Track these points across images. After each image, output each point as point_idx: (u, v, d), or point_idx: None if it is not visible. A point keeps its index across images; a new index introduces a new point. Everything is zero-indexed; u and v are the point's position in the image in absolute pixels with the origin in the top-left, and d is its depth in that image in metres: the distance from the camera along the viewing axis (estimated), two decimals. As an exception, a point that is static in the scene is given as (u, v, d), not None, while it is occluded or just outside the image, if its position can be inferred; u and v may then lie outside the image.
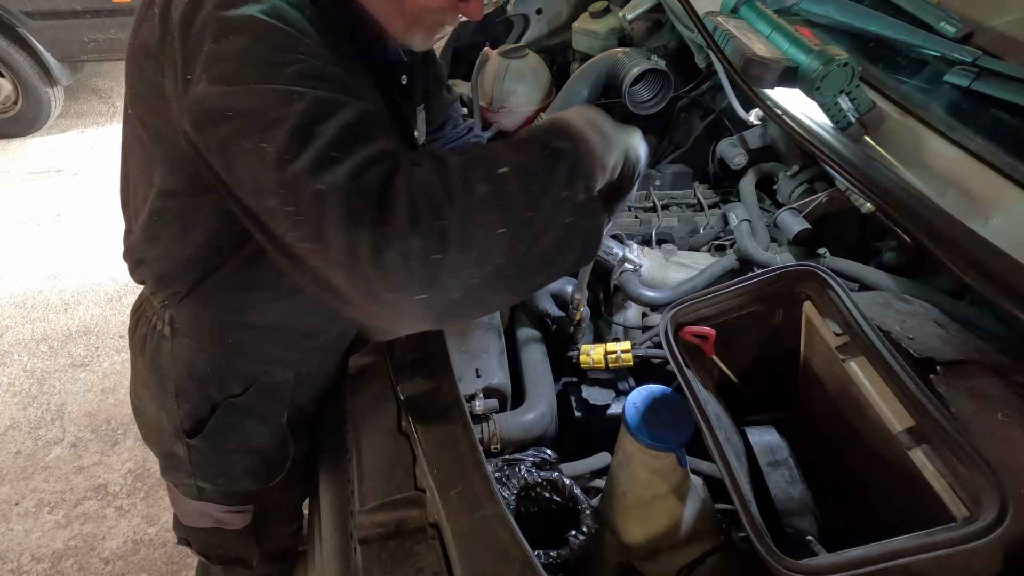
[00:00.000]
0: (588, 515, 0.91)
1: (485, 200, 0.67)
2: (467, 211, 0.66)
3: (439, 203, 0.66)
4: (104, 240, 3.42)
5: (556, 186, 0.70)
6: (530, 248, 0.69)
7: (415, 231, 0.64)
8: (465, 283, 0.67)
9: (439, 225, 0.65)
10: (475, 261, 0.66)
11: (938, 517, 0.73)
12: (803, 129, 1.16)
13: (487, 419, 1.07)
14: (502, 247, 0.67)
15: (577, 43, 1.89)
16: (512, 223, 0.67)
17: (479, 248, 0.66)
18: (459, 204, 0.66)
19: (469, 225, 0.66)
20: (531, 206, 0.68)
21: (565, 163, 0.71)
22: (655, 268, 1.32)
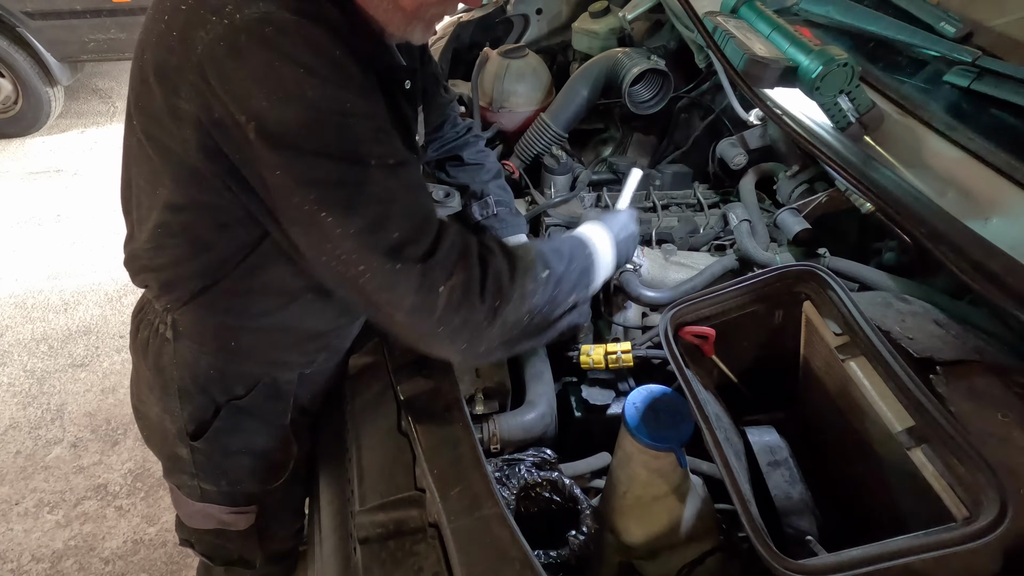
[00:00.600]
0: (588, 515, 0.91)
1: (528, 295, 0.86)
2: (517, 300, 0.85)
3: (504, 289, 0.84)
4: (104, 240, 3.42)
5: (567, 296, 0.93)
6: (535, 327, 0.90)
7: (481, 304, 0.82)
8: (491, 345, 0.86)
9: (497, 305, 0.83)
10: (504, 334, 0.86)
11: (938, 517, 0.73)
12: (803, 129, 1.16)
13: (487, 419, 1.07)
14: (522, 325, 0.87)
15: (577, 43, 1.89)
16: (536, 311, 0.88)
17: (511, 325, 0.86)
18: (516, 293, 0.85)
19: (512, 310, 0.85)
20: (552, 302, 0.90)
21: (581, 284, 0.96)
22: (655, 268, 1.32)
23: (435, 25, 0.92)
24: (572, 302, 0.94)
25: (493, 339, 0.85)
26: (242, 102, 0.74)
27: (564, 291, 0.92)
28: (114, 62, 4.61)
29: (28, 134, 4.35)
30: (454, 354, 0.87)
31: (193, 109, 0.77)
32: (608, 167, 1.66)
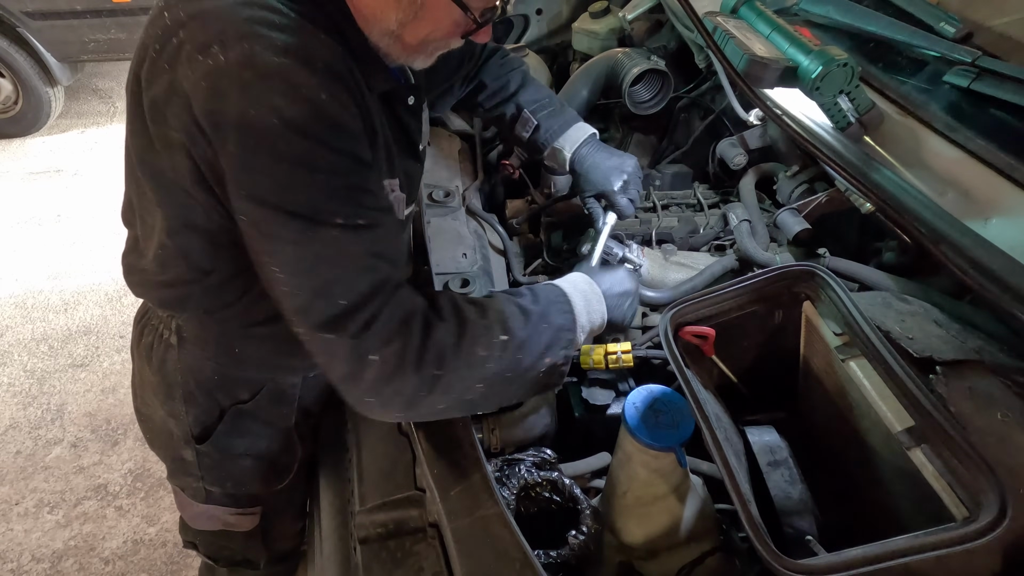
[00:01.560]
0: (588, 515, 0.91)
1: (477, 363, 0.83)
2: (461, 370, 0.82)
3: (444, 359, 0.81)
4: (104, 240, 3.42)
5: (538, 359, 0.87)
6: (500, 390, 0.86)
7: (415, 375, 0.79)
8: (435, 409, 0.84)
9: (434, 375, 0.80)
10: (452, 399, 0.83)
11: (938, 517, 0.73)
12: (803, 129, 1.16)
13: (487, 419, 1.07)
14: (478, 393, 0.84)
15: (577, 43, 1.89)
16: (491, 380, 0.84)
17: (458, 393, 0.83)
18: (460, 363, 0.82)
19: (457, 379, 0.82)
20: (513, 369, 0.85)
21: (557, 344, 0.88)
22: (655, 268, 1.32)
23: (436, 55, 0.91)
24: (547, 364, 0.88)
25: (435, 404, 0.83)
26: (220, 146, 0.74)
27: (531, 355, 0.86)
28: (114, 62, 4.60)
29: (28, 134, 4.35)
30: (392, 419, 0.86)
31: (182, 139, 0.78)
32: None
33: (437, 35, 0.84)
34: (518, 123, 1.28)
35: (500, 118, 1.31)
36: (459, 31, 0.85)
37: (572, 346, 0.92)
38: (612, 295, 1.01)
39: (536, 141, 1.28)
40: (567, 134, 1.26)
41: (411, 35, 0.83)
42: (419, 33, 0.83)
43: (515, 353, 0.85)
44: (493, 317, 0.86)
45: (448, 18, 0.82)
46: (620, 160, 1.25)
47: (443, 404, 0.83)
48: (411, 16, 0.81)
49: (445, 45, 0.89)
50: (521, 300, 0.91)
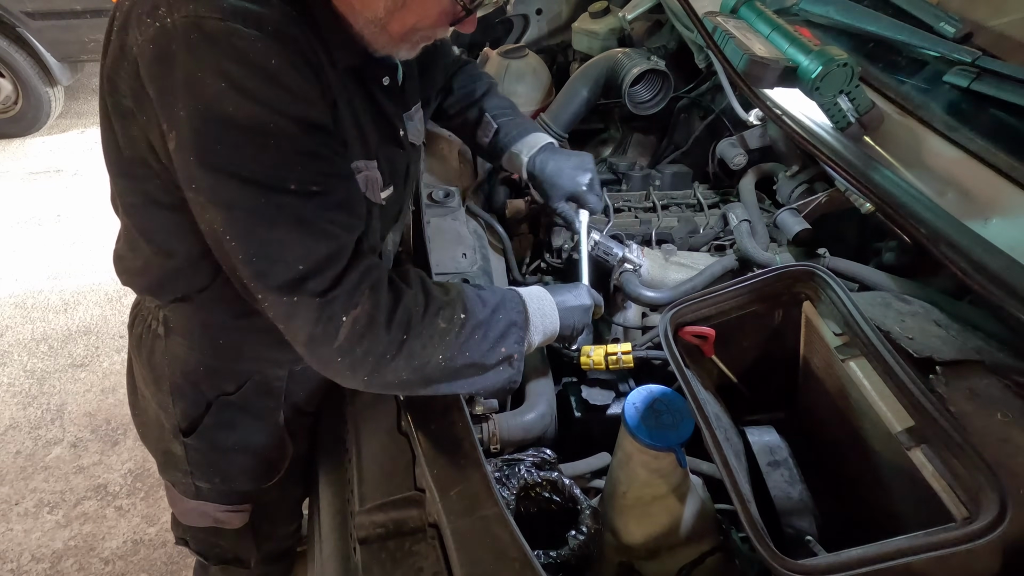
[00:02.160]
0: (588, 515, 0.91)
1: (439, 333, 0.87)
2: (424, 336, 0.86)
3: (410, 322, 0.85)
4: (104, 240, 3.43)
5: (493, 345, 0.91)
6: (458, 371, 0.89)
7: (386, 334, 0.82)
8: (399, 377, 0.86)
9: (402, 339, 0.84)
10: (414, 369, 0.86)
11: (938, 517, 0.73)
12: (803, 129, 1.16)
13: (487, 419, 1.07)
14: (438, 367, 0.87)
15: (577, 43, 1.89)
16: (451, 355, 0.87)
17: (420, 362, 0.86)
18: (424, 330, 0.86)
19: (420, 345, 0.85)
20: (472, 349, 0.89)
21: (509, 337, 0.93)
22: (655, 268, 1.32)
23: (421, 46, 0.90)
24: (502, 354, 0.92)
25: (399, 371, 0.85)
26: (165, 109, 0.73)
27: (487, 339, 0.90)
28: (114, 62, 4.59)
29: (28, 134, 4.35)
30: (356, 383, 0.87)
31: (133, 107, 0.77)
32: (608, 167, 1.66)
33: (424, 24, 0.83)
34: (479, 128, 1.31)
35: (463, 124, 1.34)
36: (446, 20, 0.84)
37: (523, 343, 0.96)
38: (565, 307, 1.04)
39: (495, 145, 1.31)
40: (525, 140, 1.29)
41: (397, 24, 0.82)
42: (406, 22, 0.82)
43: (472, 332, 0.89)
44: (454, 296, 0.91)
45: (436, 6, 0.81)
46: (580, 159, 1.28)
47: (406, 373, 0.86)
48: (399, 5, 0.80)
49: (431, 35, 0.88)
50: (479, 291, 0.95)
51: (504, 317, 0.94)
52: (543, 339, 1.01)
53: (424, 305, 0.87)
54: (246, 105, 0.71)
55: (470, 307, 0.90)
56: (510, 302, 0.96)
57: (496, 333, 0.92)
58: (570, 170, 1.25)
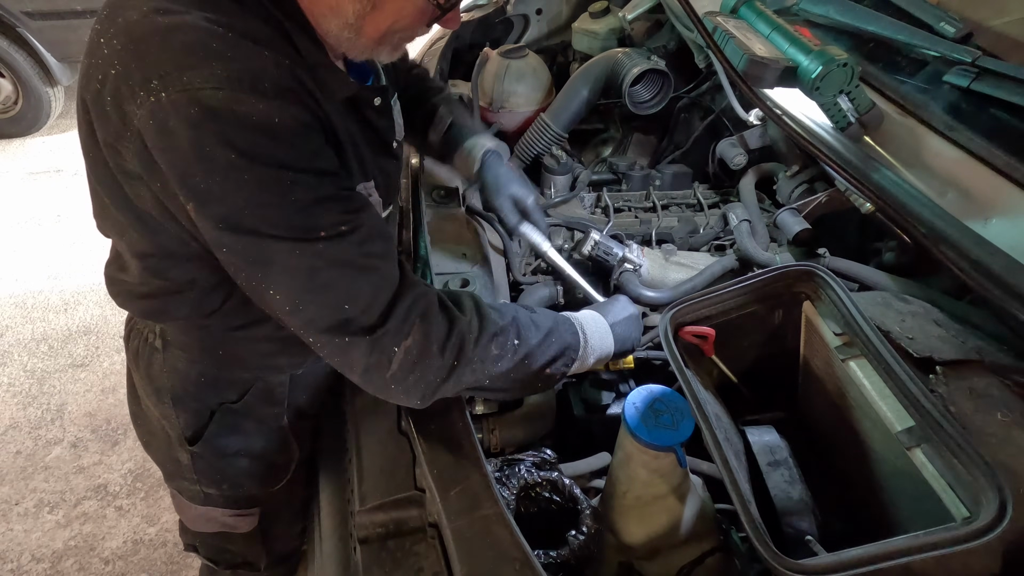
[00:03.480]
0: (588, 515, 0.91)
1: (491, 360, 0.88)
2: (476, 364, 0.87)
3: (463, 349, 0.85)
4: (104, 240, 3.42)
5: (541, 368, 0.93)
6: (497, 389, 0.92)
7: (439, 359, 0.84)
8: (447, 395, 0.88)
9: (453, 364, 0.85)
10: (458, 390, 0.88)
11: (938, 517, 0.73)
12: (803, 129, 1.16)
13: (487, 419, 1.06)
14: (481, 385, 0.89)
15: (577, 43, 1.89)
16: (496, 378, 0.89)
17: (467, 385, 0.88)
18: (475, 357, 0.86)
19: (471, 371, 0.86)
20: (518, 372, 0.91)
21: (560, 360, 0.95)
22: (655, 268, 1.32)
23: (404, 46, 0.89)
24: (547, 375, 0.94)
25: (448, 392, 0.88)
26: (179, 181, 0.72)
27: (535, 363, 0.92)
28: (114, 62, 4.59)
29: (28, 134, 4.35)
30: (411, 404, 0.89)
31: (141, 171, 0.77)
32: (608, 167, 1.66)
33: (400, 25, 0.81)
34: (431, 126, 1.28)
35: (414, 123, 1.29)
36: (424, 19, 0.82)
37: (573, 365, 0.97)
38: (618, 323, 1.05)
39: (448, 140, 1.27)
40: (477, 137, 1.26)
41: (372, 27, 0.80)
42: (380, 25, 0.80)
43: (523, 359, 0.91)
44: (509, 322, 0.91)
45: (411, 6, 0.80)
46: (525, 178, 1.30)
47: (452, 393, 0.88)
48: (369, 8, 0.78)
49: (411, 34, 0.86)
50: (534, 315, 0.96)
51: (557, 340, 0.94)
52: (597, 360, 1.02)
53: (478, 331, 0.87)
54: (259, 169, 0.71)
55: (524, 334, 0.91)
56: (564, 325, 0.97)
57: (546, 358, 0.93)
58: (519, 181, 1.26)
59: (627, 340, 1.05)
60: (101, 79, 0.75)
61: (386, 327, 0.80)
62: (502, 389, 0.92)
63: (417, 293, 0.84)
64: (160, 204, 0.80)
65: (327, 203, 0.76)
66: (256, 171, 0.71)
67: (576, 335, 0.98)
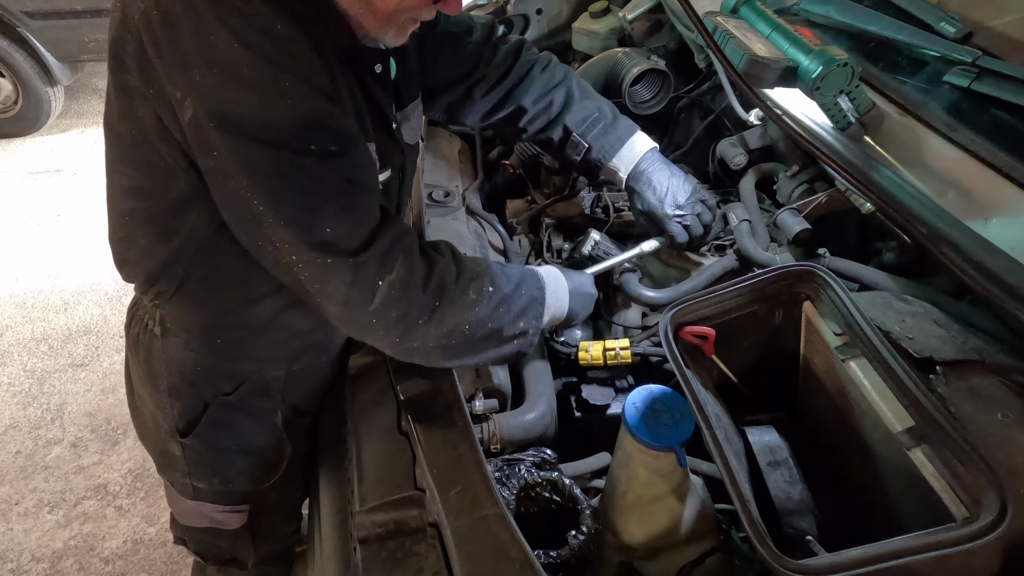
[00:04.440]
0: (588, 515, 0.91)
1: (469, 304, 0.90)
2: (456, 304, 0.89)
3: (444, 290, 0.88)
4: (104, 240, 3.40)
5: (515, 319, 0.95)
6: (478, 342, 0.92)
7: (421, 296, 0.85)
8: (425, 344, 0.89)
9: (435, 304, 0.87)
10: (440, 335, 0.89)
11: (938, 517, 0.73)
12: (803, 129, 1.16)
13: (487, 419, 1.06)
14: (461, 335, 0.90)
15: (577, 43, 1.89)
16: (476, 325, 0.90)
17: (448, 328, 0.89)
18: (455, 297, 0.89)
19: (450, 313, 0.88)
20: (494, 321, 0.92)
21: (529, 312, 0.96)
22: (655, 268, 1.32)
23: (409, 29, 0.90)
24: (520, 328, 0.95)
25: (428, 337, 0.88)
26: (177, 76, 0.72)
27: (509, 313, 0.94)
28: (114, 62, 4.59)
29: (28, 134, 4.35)
30: (386, 345, 0.89)
31: (139, 83, 0.77)
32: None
33: (407, 4, 0.83)
34: (567, 147, 1.23)
35: (548, 143, 1.26)
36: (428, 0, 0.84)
37: (540, 319, 0.99)
38: (576, 293, 1.06)
39: (589, 163, 1.23)
40: (620, 153, 1.22)
41: (382, 3, 0.82)
42: (390, 2, 0.81)
43: (498, 306, 0.93)
44: (483, 269, 0.94)
45: None
46: (678, 181, 1.22)
47: (432, 339, 0.89)
48: None
49: (416, 16, 0.87)
50: (504, 267, 0.99)
51: (526, 293, 0.97)
52: (550, 319, 1.03)
53: (456, 274, 0.90)
54: (260, 65, 0.72)
55: (497, 281, 0.93)
56: (531, 278, 0.99)
57: (518, 308, 0.95)
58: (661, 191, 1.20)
59: (577, 314, 1.07)
60: None
61: (368, 253, 0.81)
62: (478, 342, 0.92)
63: (400, 229, 0.86)
64: (156, 120, 0.79)
65: (320, 118, 0.77)
66: (256, 66, 0.71)
67: (541, 290, 1.00)
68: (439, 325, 0.88)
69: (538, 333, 0.99)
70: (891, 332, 0.88)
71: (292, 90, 0.74)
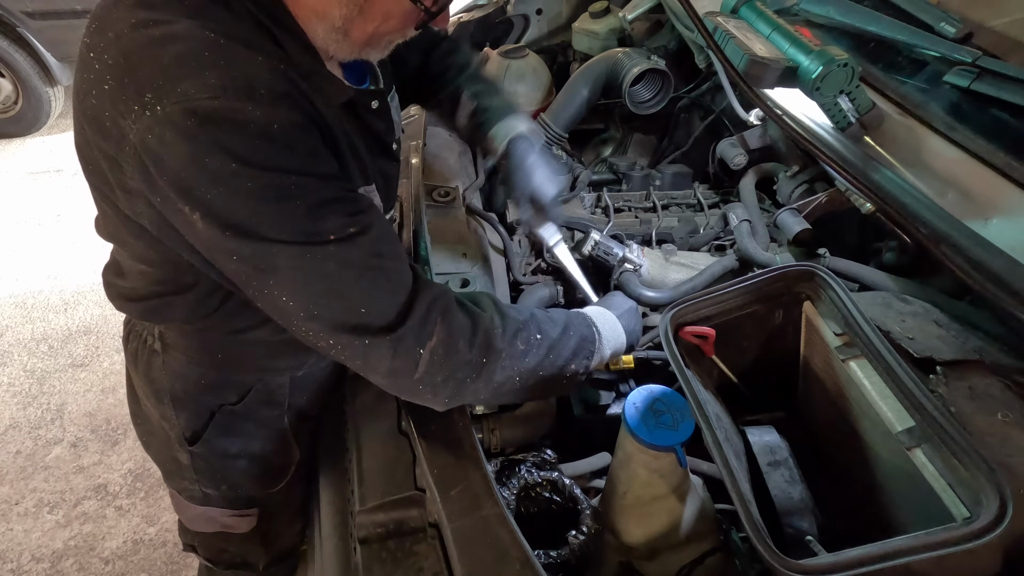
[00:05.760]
0: (588, 515, 0.91)
1: (518, 355, 0.88)
2: (504, 359, 0.86)
3: (491, 346, 0.85)
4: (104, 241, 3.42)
5: (566, 363, 0.93)
6: (529, 388, 0.91)
7: (468, 354, 0.83)
8: (477, 397, 0.90)
9: (482, 362, 0.85)
10: (493, 389, 0.88)
11: (938, 517, 0.73)
12: (803, 129, 1.16)
13: (487, 419, 1.06)
14: (513, 385, 0.89)
15: (577, 43, 1.89)
16: (526, 374, 0.89)
17: (499, 382, 0.87)
18: (504, 352, 0.86)
19: (500, 368, 0.86)
20: (545, 368, 0.91)
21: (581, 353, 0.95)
22: (655, 268, 1.32)
23: (392, 46, 0.87)
24: (572, 371, 0.94)
25: (479, 392, 0.87)
26: (182, 193, 0.71)
27: (560, 358, 0.92)
28: (114, 62, 4.59)
29: (28, 134, 4.35)
30: (438, 405, 0.88)
31: (141, 187, 0.75)
32: (608, 167, 1.66)
33: (387, 28, 0.81)
34: (458, 110, 1.23)
35: (439, 106, 1.26)
36: (411, 22, 0.82)
37: (593, 358, 0.97)
38: (622, 315, 1.05)
39: (475, 126, 1.22)
40: (504, 122, 1.20)
41: (358, 30, 0.80)
42: (366, 28, 0.80)
43: (548, 352, 0.91)
44: (528, 317, 0.92)
45: (397, 10, 0.79)
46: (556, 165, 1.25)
47: (484, 393, 0.88)
48: (355, 11, 0.77)
49: (401, 36, 0.85)
50: (549, 313, 0.97)
51: (575, 334, 0.95)
52: (613, 352, 1.02)
53: (502, 327, 0.87)
54: (260, 175, 0.70)
55: (544, 327, 0.92)
56: (578, 319, 0.98)
57: (568, 352, 0.93)
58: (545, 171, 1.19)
59: (633, 332, 1.06)
60: (96, 95, 0.73)
61: (406, 326, 0.79)
62: (530, 389, 0.91)
63: (435, 292, 0.84)
64: (161, 218, 0.78)
65: (332, 205, 0.76)
66: (258, 178, 0.70)
67: (590, 328, 0.98)
68: (488, 381, 0.86)
69: (588, 372, 0.98)
70: (891, 332, 0.88)
71: (301, 188, 0.72)
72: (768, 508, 0.87)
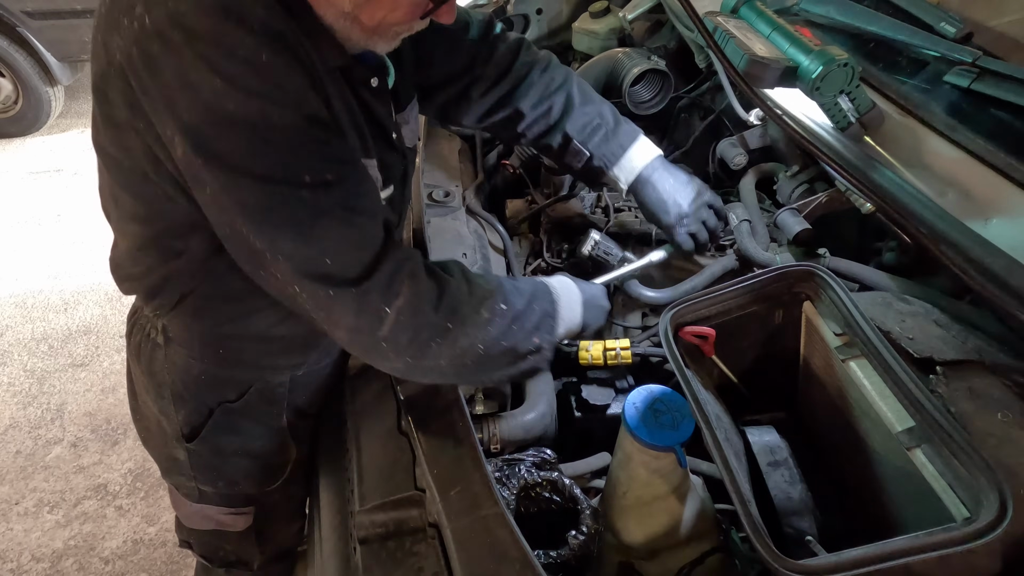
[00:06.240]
0: (588, 515, 0.91)
1: (482, 323, 0.87)
2: (468, 324, 0.86)
3: (456, 310, 0.85)
4: (104, 240, 3.40)
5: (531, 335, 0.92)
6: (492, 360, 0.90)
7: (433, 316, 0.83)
8: (438, 364, 0.87)
9: (447, 326, 0.84)
10: (453, 355, 0.86)
11: (938, 517, 0.73)
12: (803, 129, 1.16)
13: (487, 419, 1.06)
14: (475, 354, 0.87)
15: (577, 43, 1.89)
16: (489, 343, 0.88)
17: (461, 349, 0.86)
18: (467, 317, 0.86)
19: (464, 333, 0.86)
20: (508, 339, 0.89)
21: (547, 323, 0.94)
22: (655, 268, 1.32)
23: (400, 37, 0.87)
24: (535, 344, 0.93)
25: (441, 358, 0.86)
26: (164, 114, 0.71)
27: (523, 329, 0.91)
28: (114, 62, 4.59)
29: (28, 134, 4.35)
30: (398, 367, 0.87)
31: (127, 116, 0.75)
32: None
33: (395, 17, 0.81)
34: (568, 154, 1.19)
35: (547, 148, 1.22)
36: (417, 12, 0.81)
37: (553, 333, 0.96)
38: (590, 305, 1.03)
39: (591, 171, 1.20)
40: (621, 162, 1.18)
41: (368, 16, 0.79)
42: (375, 15, 0.79)
43: (511, 323, 0.90)
44: (494, 287, 0.91)
45: None
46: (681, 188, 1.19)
47: (445, 360, 0.86)
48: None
49: (408, 28, 0.85)
50: (515, 282, 0.97)
51: (539, 308, 0.94)
52: (566, 332, 1.00)
53: (468, 294, 0.88)
54: (247, 101, 0.69)
55: (510, 298, 0.91)
56: (542, 293, 0.97)
57: (532, 324, 0.92)
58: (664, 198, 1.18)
59: (589, 326, 1.04)
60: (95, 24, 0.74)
61: (372, 281, 0.79)
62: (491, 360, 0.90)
63: (404, 254, 0.84)
64: (148, 152, 0.77)
65: (315, 148, 0.75)
66: (241, 102, 0.69)
67: (553, 303, 0.97)
68: (452, 346, 0.85)
69: (552, 348, 0.96)
70: (891, 332, 0.88)
71: (282, 122, 0.72)
72: (768, 508, 0.87)
